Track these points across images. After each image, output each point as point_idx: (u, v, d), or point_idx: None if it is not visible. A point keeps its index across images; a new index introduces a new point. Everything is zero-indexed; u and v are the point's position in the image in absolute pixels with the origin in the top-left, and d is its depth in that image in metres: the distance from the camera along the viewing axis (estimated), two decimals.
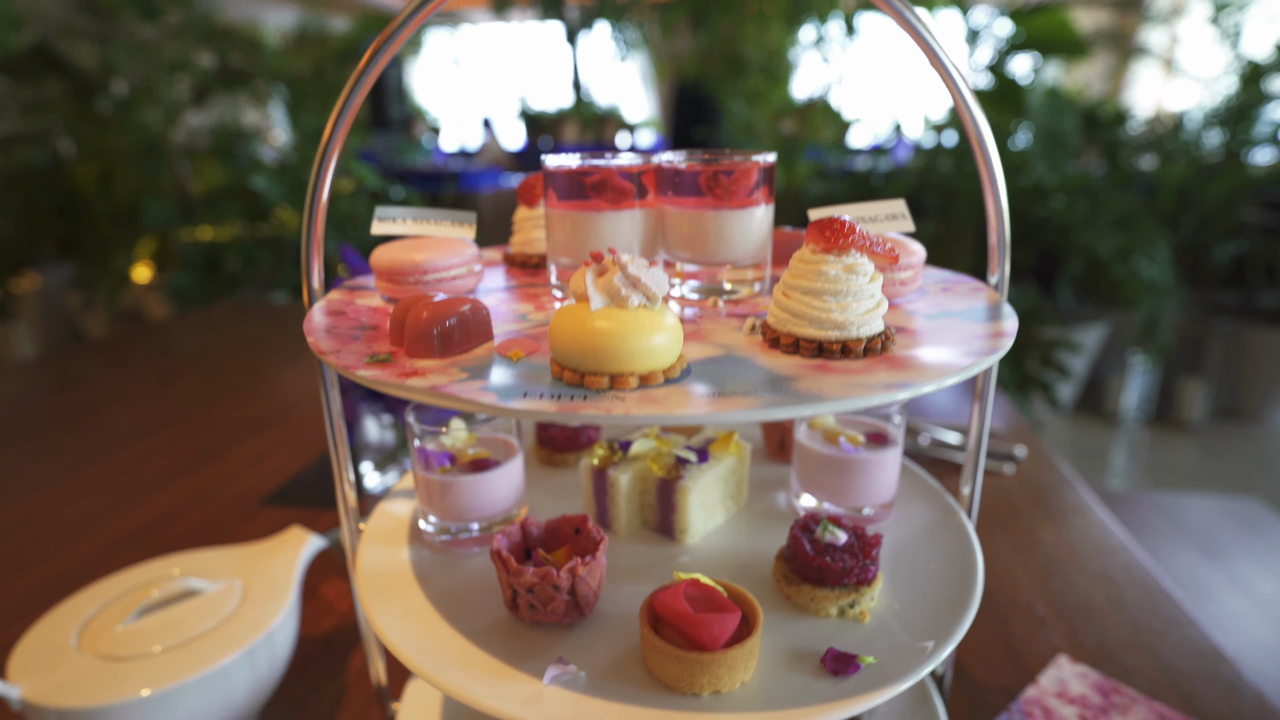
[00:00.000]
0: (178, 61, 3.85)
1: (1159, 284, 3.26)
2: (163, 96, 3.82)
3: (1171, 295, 3.28)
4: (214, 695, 0.73)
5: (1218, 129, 3.66)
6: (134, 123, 3.73)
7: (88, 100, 3.69)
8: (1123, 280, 3.27)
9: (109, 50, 3.69)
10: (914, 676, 0.51)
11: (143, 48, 3.75)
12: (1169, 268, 3.27)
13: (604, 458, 0.69)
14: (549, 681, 0.52)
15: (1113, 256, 3.27)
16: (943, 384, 0.45)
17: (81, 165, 3.81)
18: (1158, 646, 0.95)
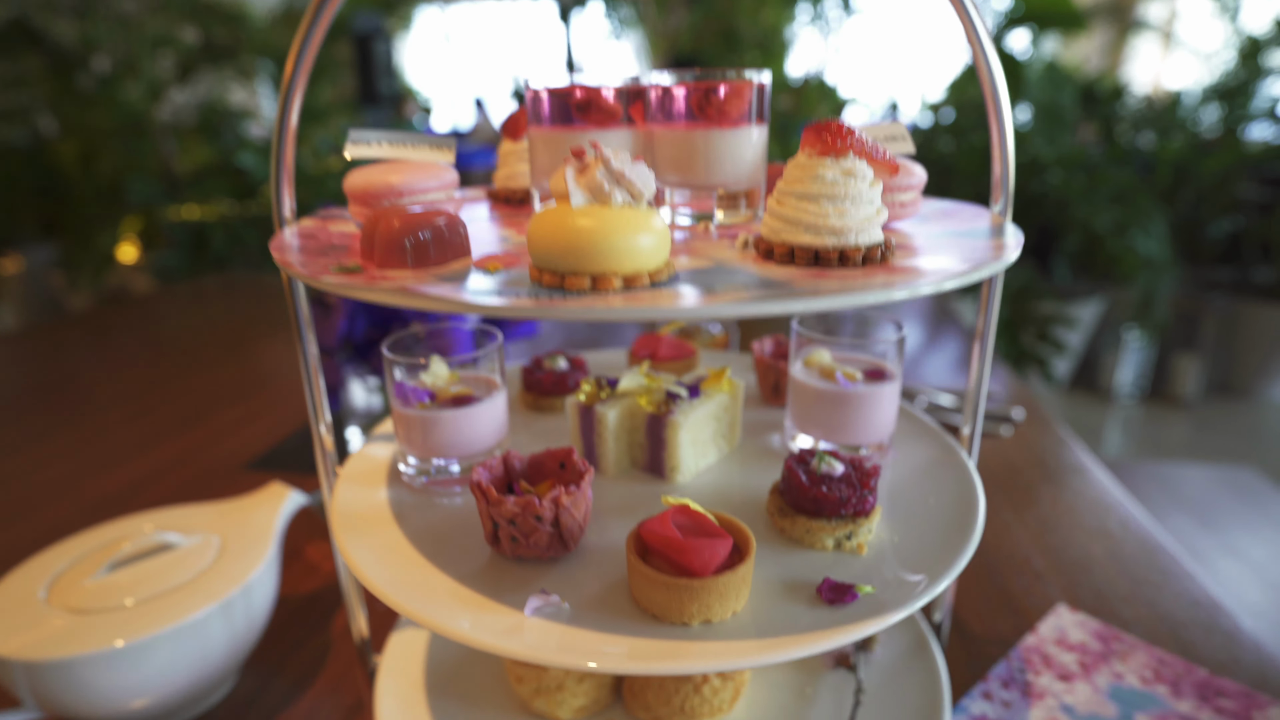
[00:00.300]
0: (160, 37, 3.77)
1: (1155, 259, 3.24)
2: (145, 73, 3.74)
3: (1168, 271, 3.27)
4: (189, 648, 0.70)
5: (1215, 104, 3.63)
6: (116, 100, 3.66)
7: (68, 77, 3.62)
8: (1119, 256, 3.25)
9: (89, 25, 3.61)
10: (913, 605, 0.49)
11: (124, 22, 3.67)
12: (1166, 243, 3.26)
13: (591, 394, 0.66)
14: (531, 613, 0.50)
15: (1109, 232, 3.25)
16: (942, 287, 0.42)
17: (63, 143, 3.74)
18: (1155, 598, 0.93)
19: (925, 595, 0.50)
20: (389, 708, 0.69)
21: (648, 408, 0.64)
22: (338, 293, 0.42)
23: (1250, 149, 3.62)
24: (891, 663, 0.74)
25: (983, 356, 0.63)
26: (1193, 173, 3.63)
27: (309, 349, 0.59)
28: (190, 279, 3.37)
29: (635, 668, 0.45)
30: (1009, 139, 0.59)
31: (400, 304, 0.40)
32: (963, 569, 0.53)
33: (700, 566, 0.47)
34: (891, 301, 0.41)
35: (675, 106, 0.59)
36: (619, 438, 0.65)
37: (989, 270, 0.45)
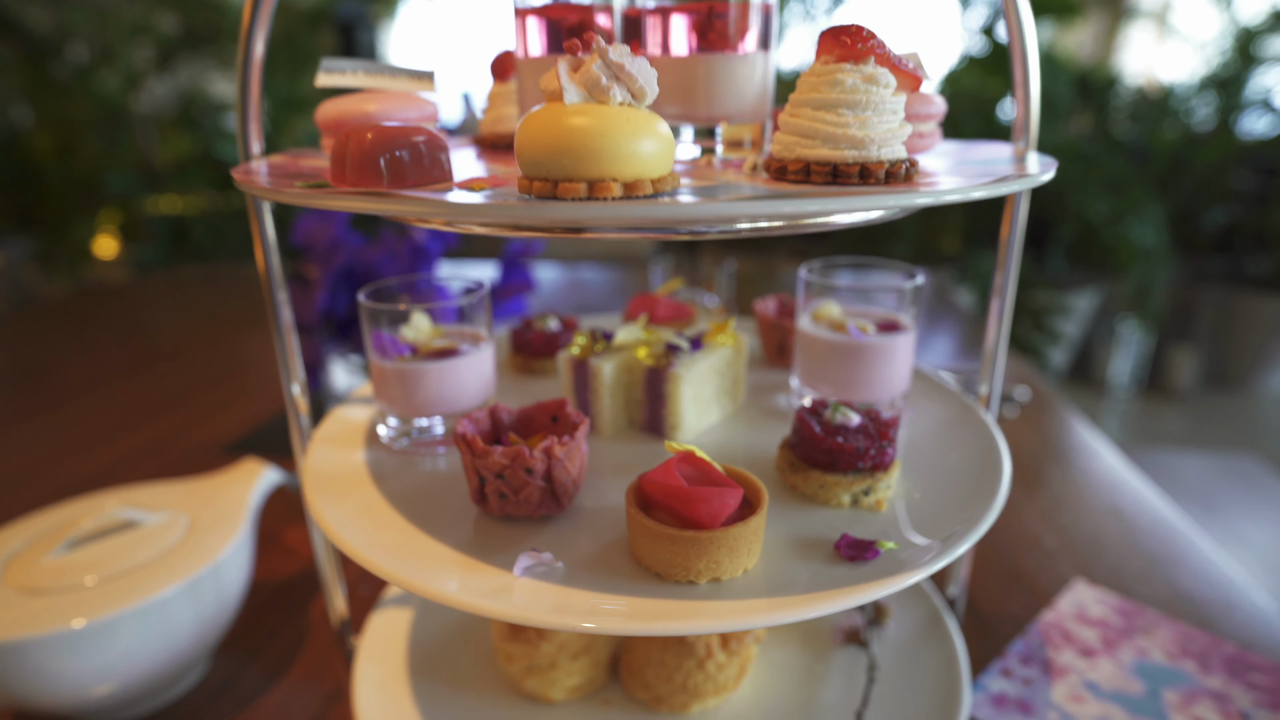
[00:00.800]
0: (138, 24, 3.69)
1: (1151, 249, 3.22)
2: (123, 62, 3.66)
3: (1163, 261, 3.25)
4: (154, 629, 0.66)
5: (1209, 93, 3.62)
6: (93, 89, 3.58)
7: (43, 66, 3.54)
8: (1114, 245, 3.23)
9: (64, 12, 3.52)
10: (942, 560, 0.44)
11: (100, 10, 3.59)
12: (1162, 232, 3.24)
13: (585, 347, 0.61)
14: (521, 573, 0.45)
15: (1104, 221, 3.23)
16: (970, 195, 0.38)
17: (39, 134, 3.66)
18: (1172, 575, 0.89)
19: (953, 550, 0.45)
20: (368, 693, 0.64)
21: (646, 361, 0.59)
22: (301, 204, 0.37)
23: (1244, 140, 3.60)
24: (905, 639, 0.69)
25: (1003, 297, 0.59)
26: (1187, 163, 3.61)
27: (276, 280, 0.54)
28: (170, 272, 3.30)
29: (637, 628, 0.40)
30: (1034, 79, 0.55)
31: (370, 210, 0.35)
32: (992, 524, 0.48)
33: (708, 517, 0.43)
34: (914, 208, 0.37)
35: (674, 31, 0.55)
36: (615, 394, 0.61)
37: (1019, 185, 0.41)
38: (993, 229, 3.44)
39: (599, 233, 0.40)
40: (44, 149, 3.58)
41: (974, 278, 3.22)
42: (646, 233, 0.40)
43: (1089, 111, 3.74)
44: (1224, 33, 3.59)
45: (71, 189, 3.59)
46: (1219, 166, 3.61)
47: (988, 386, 0.65)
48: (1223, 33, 3.60)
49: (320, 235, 1.23)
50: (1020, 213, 0.57)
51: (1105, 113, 3.70)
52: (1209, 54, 3.67)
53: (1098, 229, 3.25)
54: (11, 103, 3.60)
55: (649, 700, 0.62)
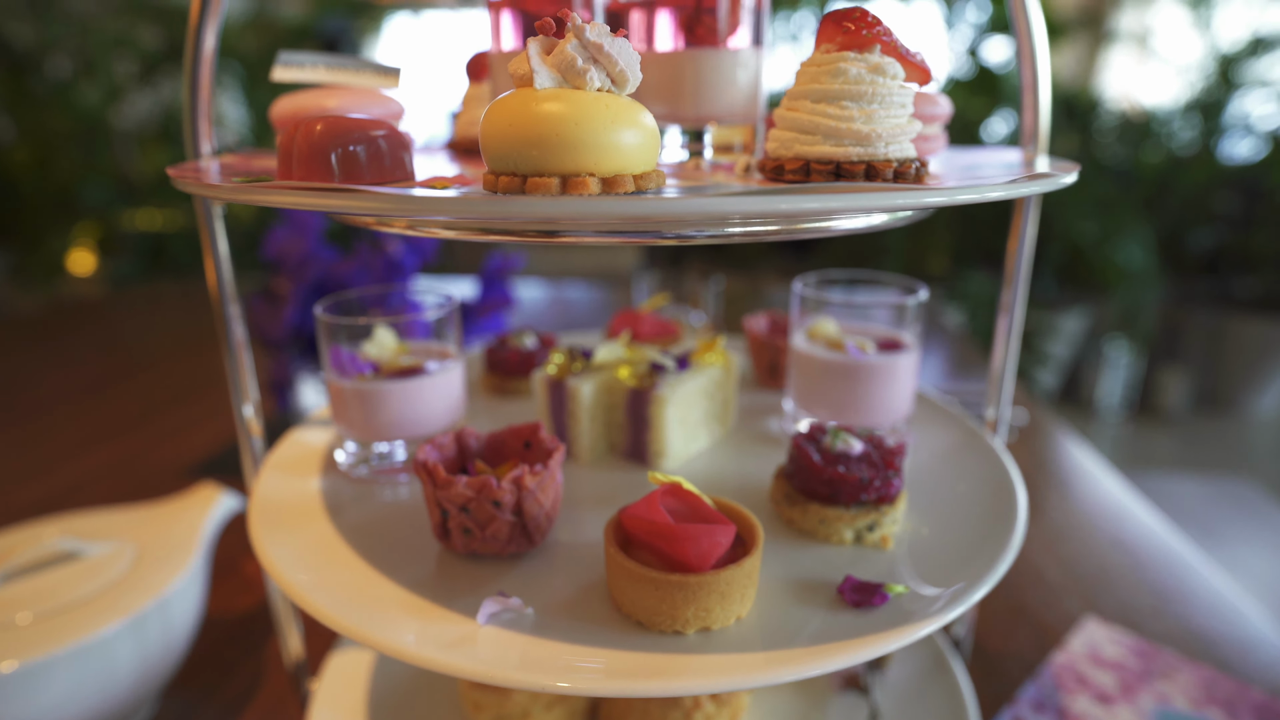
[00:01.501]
0: (120, 37, 3.64)
1: (1139, 270, 3.22)
2: (104, 75, 3.61)
3: (1151, 282, 3.25)
4: (92, 671, 0.60)
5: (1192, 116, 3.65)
6: (73, 103, 3.53)
7: (23, 79, 3.48)
8: (1102, 266, 3.22)
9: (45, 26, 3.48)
10: (957, 607, 0.40)
11: (83, 24, 3.55)
12: (1150, 253, 3.24)
13: (562, 366, 0.56)
14: (485, 620, 0.40)
15: (1092, 242, 3.23)
16: (986, 196, 0.33)
17: (17, 148, 3.59)
18: (1185, 613, 0.85)
19: (970, 596, 0.41)
20: None
21: (629, 382, 0.54)
22: (238, 199, 0.33)
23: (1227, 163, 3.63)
24: (908, 683, 0.64)
25: (1011, 313, 0.55)
26: (1172, 185, 3.63)
27: (227, 292, 0.49)
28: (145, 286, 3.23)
29: (617, 688, 0.35)
30: (1043, 81, 0.51)
31: (310, 206, 0.30)
32: (1011, 564, 0.43)
33: (697, 559, 0.38)
34: (925, 207, 0.32)
35: (660, 25, 0.51)
36: (595, 417, 0.56)
37: (1042, 186, 0.37)
38: (984, 249, 3.43)
39: (574, 236, 0.36)
40: (21, 162, 3.51)
41: (963, 298, 3.21)
42: (628, 236, 0.35)
43: (1073, 133, 3.75)
44: (1204, 57, 3.63)
45: (48, 203, 3.52)
46: (1203, 189, 3.63)
47: (995, 410, 0.60)
48: (1203, 57, 3.64)
49: (292, 249, 1.18)
50: (1030, 223, 0.53)
51: (1089, 135, 3.72)
52: (1190, 78, 3.70)
53: (1085, 249, 3.25)
54: None
55: None
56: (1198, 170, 3.57)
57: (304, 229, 1.15)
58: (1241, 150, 3.74)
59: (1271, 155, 3.51)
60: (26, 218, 3.57)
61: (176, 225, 3.51)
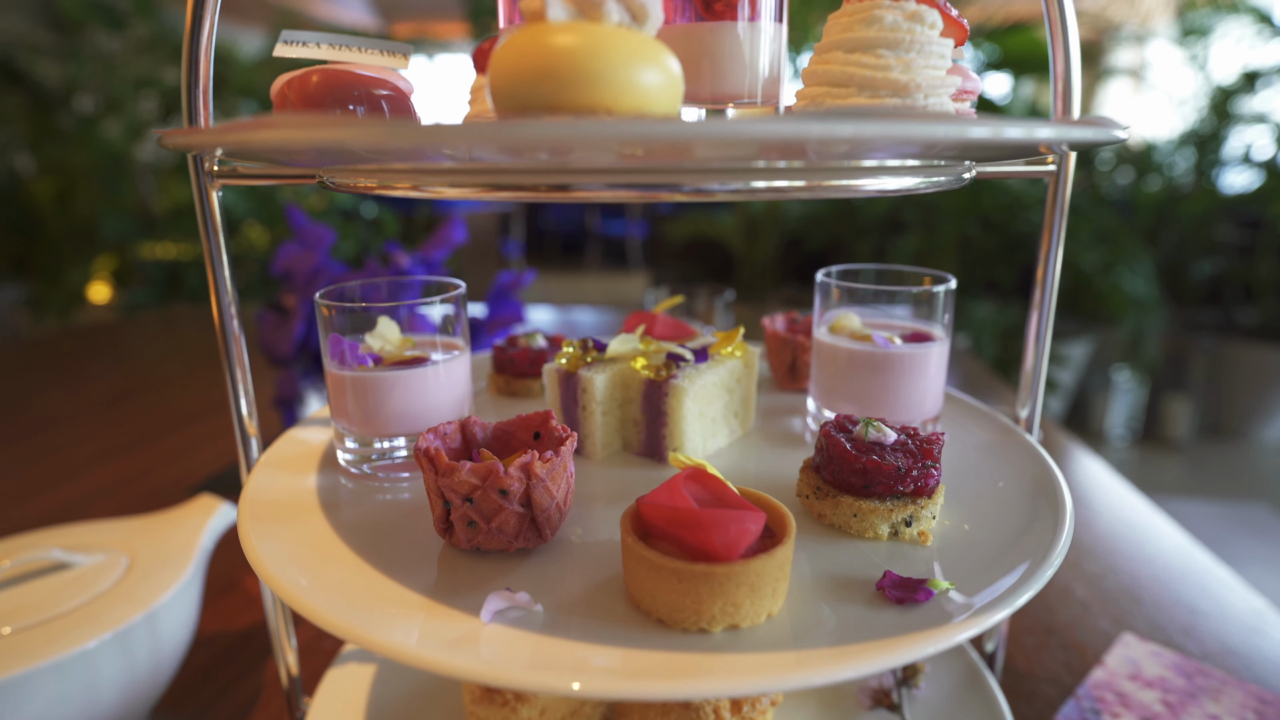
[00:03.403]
0: (144, 77, 3.70)
1: (1143, 298, 3.21)
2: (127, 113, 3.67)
3: (1155, 310, 3.23)
4: (74, 687, 0.56)
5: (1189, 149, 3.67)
6: (96, 138, 3.58)
7: (48, 116, 3.54)
8: (1106, 294, 3.21)
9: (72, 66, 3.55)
10: (1010, 604, 0.36)
11: (108, 63, 3.61)
12: (1153, 282, 3.23)
13: (574, 358, 0.53)
14: (490, 619, 0.36)
15: (1095, 270, 3.22)
16: (1034, 135, 0.31)
17: (40, 182, 3.63)
18: (1221, 631, 0.81)
19: (1023, 593, 0.37)
20: None
21: (645, 373, 0.51)
22: (223, 141, 0.30)
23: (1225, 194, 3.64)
24: (941, 701, 0.60)
25: (1045, 294, 0.52)
26: (1172, 216, 3.64)
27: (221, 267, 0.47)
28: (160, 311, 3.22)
29: (637, 689, 0.31)
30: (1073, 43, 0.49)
31: (305, 141, 0.27)
32: (1063, 558, 0.40)
33: (724, 548, 0.34)
34: (969, 140, 0.29)
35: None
36: (609, 411, 0.53)
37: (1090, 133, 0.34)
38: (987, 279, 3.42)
39: (586, 190, 0.33)
40: (44, 196, 3.55)
41: (968, 326, 3.19)
42: (643, 190, 0.33)
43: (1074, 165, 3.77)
44: (1200, 91, 3.67)
45: (68, 235, 3.55)
46: (1203, 219, 3.64)
47: (1028, 409, 0.57)
48: (1198, 91, 3.68)
49: (301, 263, 1.16)
50: (1064, 189, 0.50)
51: (1091, 166, 3.74)
52: (1186, 111, 3.74)
53: (1090, 278, 3.24)
54: (15, 151, 3.58)
55: None
56: (1197, 201, 3.59)
57: (313, 243, 1.13)
58: (1240, 181, 3.75)
59: (1269, 186, 3.52)
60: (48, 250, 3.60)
61: (192, 255, 3.52)
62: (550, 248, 6.93)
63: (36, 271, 3.67)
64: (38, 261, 3.65)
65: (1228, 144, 3.64)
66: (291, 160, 0.42)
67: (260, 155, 0.41)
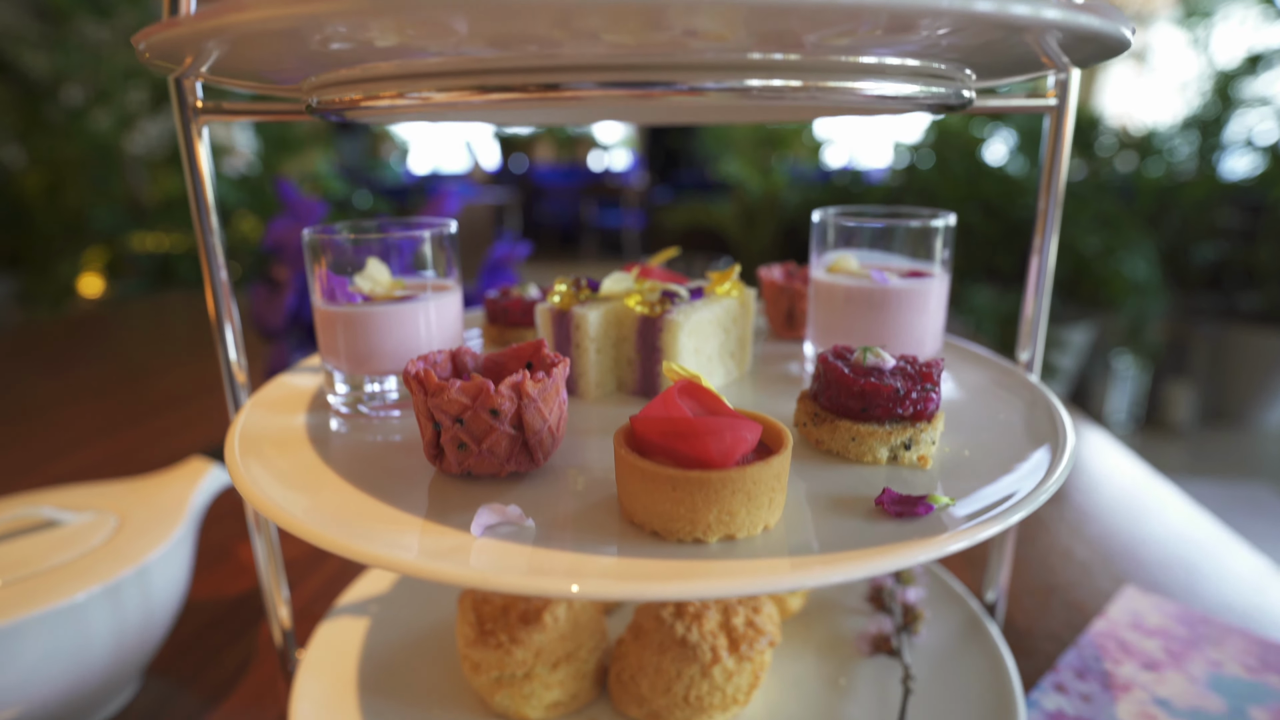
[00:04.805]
0: (133, 68, 3.69)
1: (1143, 283, 3.20)
2: (116, 103, 3.65)
3: (1156, 295, 3.22)
4: (65, 640, 0.56)
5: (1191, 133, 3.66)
6: (86, 130, 3.56)
7: (37, 108, 3.52)
8: (1107, 279, 3.20)
9: (60, 56, 3.52)
10: (1014, 515, 0.35)
11: (96, 54, 3.59)
12: (1154, 266, 3.22)
13: (567, 295, 0.53)
14: (480, 532, 0.35)
15: (1096, 255, 3.21)
16: (1040, 15, 0.30)
17: (29, 174, 3.61)
18: (1220, 588, 0.81)
19: (1027, 505, 0.36)
20: (306, 712, 0.53)
21: (639, 309, 0.51)
22: (198, 32, 0.29)
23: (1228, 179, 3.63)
24: (941, 648, 0.59)
25: (1046, 234, 0.51)
26: (1174, 201, 3.62)
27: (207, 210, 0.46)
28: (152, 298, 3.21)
29: (635, 591, 0.30)
30: None
31: (282, 17, 0.27)
32: (1066, 476, 0.39)
33: (720, 456, 0.34)
34: (973, 12, 0.29)
35: None
36: (603, 350, 0.52)
37: (1098, 23, 0.33)
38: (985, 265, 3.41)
39: (577, 89, 0.32)
40: (34, 188, 3.53)
41: (968, 311, 3.18)
42: (637, 88, 0.32)
43: (1075, 147, 3.76)
44: (1202, 75, 3.65)
45: (58, 228, 3.53)
46: (1204, 204, 3.62)
47: (1030, 352, 0.57)
48: (1201, 75, 3.66)
49: (292, 236, 1.15)
50: (1066, 124, 0.50)
51: (1091, 151, 3.73)
52: (1189, 95, 3.72)
53: (1090, 262, 3.23)
54: (4, 143, 3.56)
55: (644, 718, 0.52)
56: (1199, 186, 3.57)
57: (304, 216, 1.12)
58: (1242, 166, 3.74)
59: (1271, 170, 3.51)
60: (37, 244, 3.58)
61: (184, 247, 3.51)
62: (546, 240, 6.93)
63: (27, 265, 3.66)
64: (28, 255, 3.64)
65: (1230, 128, 3.62)
66: (275, 75, 0.41)
67: (243, 69, 0.40)
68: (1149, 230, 3.41)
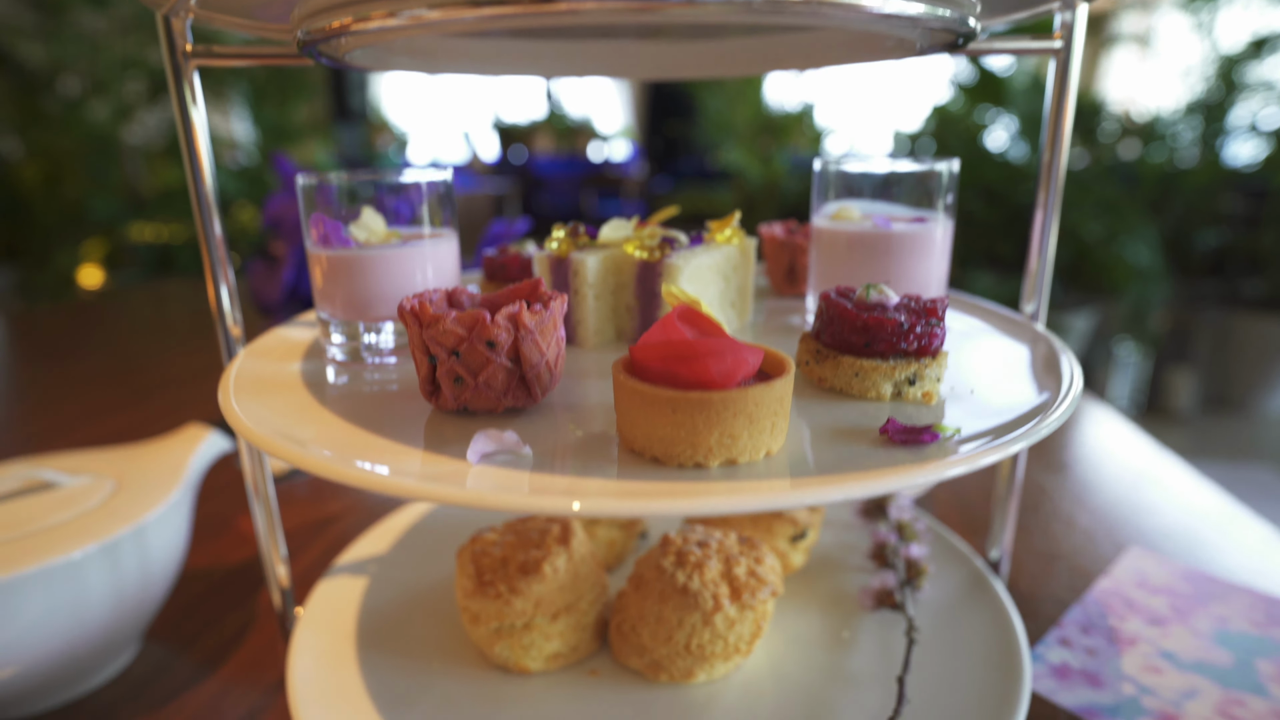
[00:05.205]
0: (130, 58, 3.67)
1: (1146, 269, 3.18)
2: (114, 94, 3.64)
3: (1158, 281, 3.21)
4: (62, 596, 0.56)
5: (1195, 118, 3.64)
6: (83, 121, 3.54)
7: (34, 98, 3.50)
8: (1108, 265, 3.19)
9: (56, 46, 3.51)
10: (1021, 442, 0.35)
11: (93, 44, 3.57)
12: (1157, 253, 3.20)
13: (565, 242, 0.52)
14: (477, 459, 0.35)
15: (1098, 241, 3.20)
16: None
17: (26, 166, 3.60)
18: (1226, 555, 0.80)
19: (1035, 433, 0.36)
20: (305, 665, 0.53)
21: (639, 254, 0.50)
22: None
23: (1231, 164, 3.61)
24: (945, 602, 0.59)
25: (1052, 177, 0.50)
26: (1177, 187, 3.61)
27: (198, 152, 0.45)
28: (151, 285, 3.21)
29: (637, 507, 0.30)
30: None
31: None
32: (1074, 407, 0.39)
33: (721, 377, 0.33)
34: None
35: None
36: (601, 296, 0.51)
37: None
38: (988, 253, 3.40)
39: (575, 1, 0.32)
40: (31, 180, 3.52)
41: None
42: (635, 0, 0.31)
43: (1076, 134, 3.74)
44: (1206, 59, 3.63)
45: (57, 219, 3.52)
46: (1207, 190, 3.60)
47: (1034, 305, 0.56)
48: (1204, 59, 3.64)
49: (290, 211, 1.15)
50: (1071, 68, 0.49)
51: (1093, 137, 3.71)
52: (1192, 81, 3.70)
53: (1092, 248, 3.22)
54: (1, 135, 3.55)
55: (644, 668, 0.51)
56: (1202, 172, 3.55)
57: None
58: (1245, 151, 3.72)
59: (1275, 155, 3.49)
60: (36, 235, 3.57)
61: (183, 237, 3.50)
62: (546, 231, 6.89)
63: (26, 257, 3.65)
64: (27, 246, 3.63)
65: (1234, 113, 3.60)
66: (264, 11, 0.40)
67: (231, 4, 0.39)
68: (1151, 216, 3.39)
